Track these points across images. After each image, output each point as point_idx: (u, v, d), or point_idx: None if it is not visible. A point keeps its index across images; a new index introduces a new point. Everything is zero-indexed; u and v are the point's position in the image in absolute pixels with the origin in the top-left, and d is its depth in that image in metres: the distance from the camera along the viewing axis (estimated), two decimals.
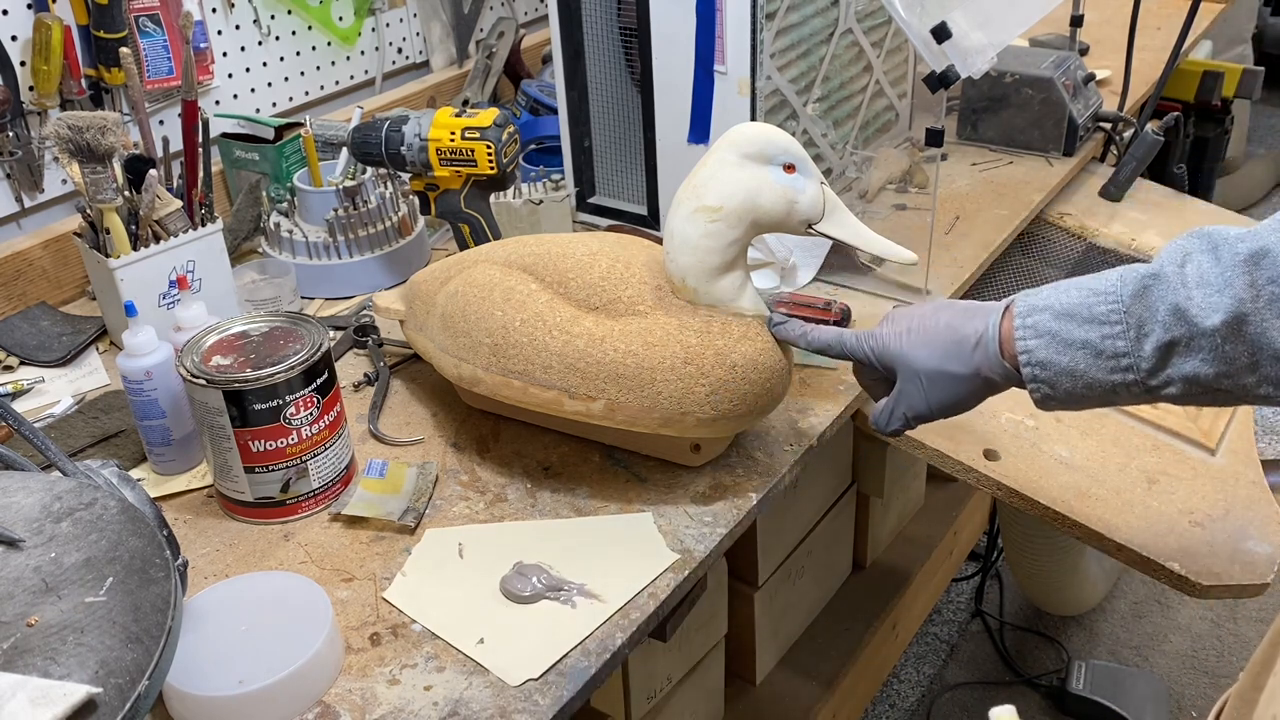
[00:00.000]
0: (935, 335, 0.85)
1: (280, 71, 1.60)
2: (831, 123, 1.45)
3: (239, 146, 1.49)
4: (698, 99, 1.30)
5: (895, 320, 0.88)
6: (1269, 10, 4.01)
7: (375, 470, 1.00)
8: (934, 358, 0.85)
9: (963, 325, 0.84)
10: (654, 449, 1.02)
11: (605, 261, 0.97)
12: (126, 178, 1.19)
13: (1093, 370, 0.78)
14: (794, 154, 0.91)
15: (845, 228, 0.94)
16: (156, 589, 0.68)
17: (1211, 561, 1.02)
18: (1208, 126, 2.13)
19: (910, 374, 0.86)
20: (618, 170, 1.47)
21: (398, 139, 1.24)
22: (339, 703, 0.80)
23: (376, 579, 0.91)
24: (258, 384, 0.91)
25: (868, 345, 0.89)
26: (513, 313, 0.97)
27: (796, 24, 1.31)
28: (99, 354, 1.27)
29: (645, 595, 0.88)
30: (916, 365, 0.85)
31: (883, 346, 0.88)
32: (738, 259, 0.93)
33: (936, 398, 0.86)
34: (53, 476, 0.79)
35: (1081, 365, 0.78)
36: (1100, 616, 2.15)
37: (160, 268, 1.20)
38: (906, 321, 0.87)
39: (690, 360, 0.91)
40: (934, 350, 0.85)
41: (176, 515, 0.99)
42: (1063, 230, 1.59)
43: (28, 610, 0.67)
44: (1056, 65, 1.62)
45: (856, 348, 0.90)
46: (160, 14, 1.40)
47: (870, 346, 0.89)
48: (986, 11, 1.15)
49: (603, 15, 1.37)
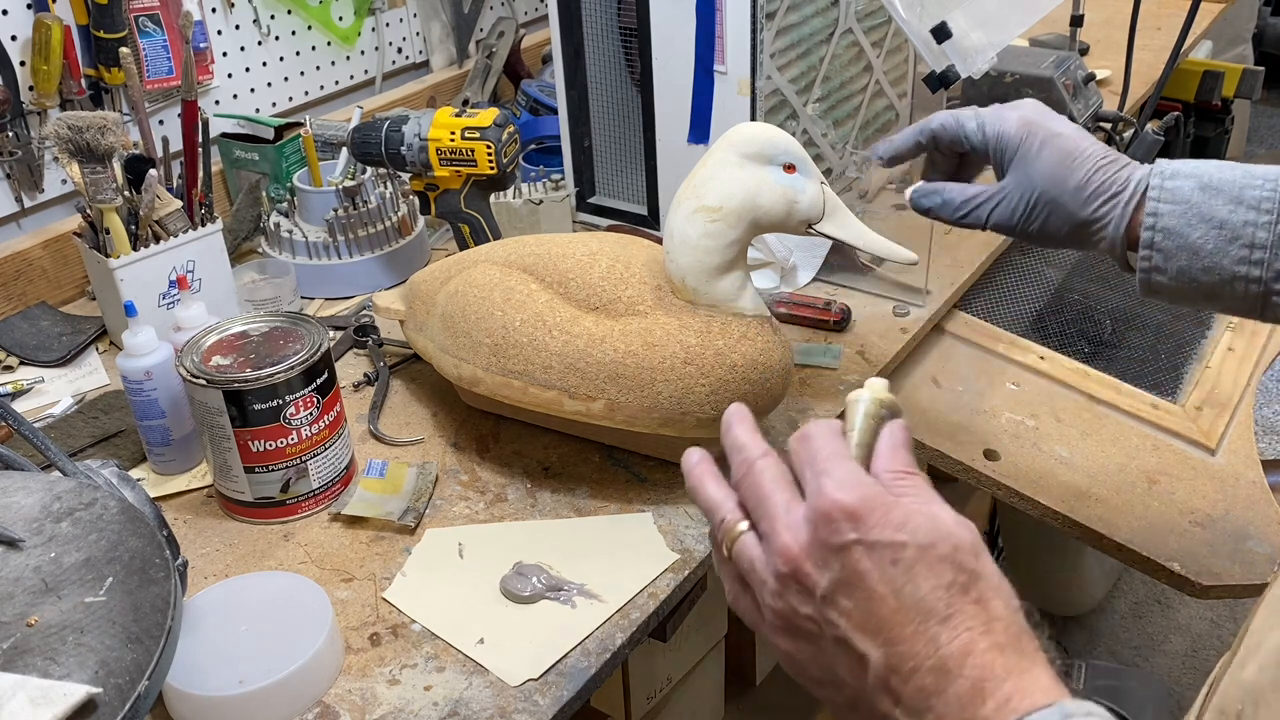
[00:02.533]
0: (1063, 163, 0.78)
1: (280, 71, 1.60)
2: (831, 123, 1.44)
3: (239, 146, 1.49)
4: (698, 99, 1.30)
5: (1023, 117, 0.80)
6: (1269, 10, 4.01)
7: (375, 470, 1.00)
8: (1057, 184, 0.77)
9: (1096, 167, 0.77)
10: (654, 449, 1.02)
11: (605, 261, 0.97)
12: (126, 178, 1.18)
13: (1219, 255, 0.71)
14: (794, 154, 0.91)
15: (845, 228, 0.94)
16: (156, 589, 0.68)
17: (1211, 561, 1.02)
18: (1208, 126, 2.12)
19: (1025, 184, 0.78)
20: (618, 170, 1.47)
21: (398, 139, 1.24)
22: (339, 703, 0.80)
23: (376, 579, 0.91)
24: (258, 384, 0.91)
25: (989, 130, 0.81)
26: (513, 313, 0.97)
27: (796, 24, 1.31)
28: (99, 354, 1.27)
29: (645, 595, 0.88)
30: (1037, 182, 0.78)
31: (1004, 134, 0.80)
32: (738, 259, 0.93)
33: (1036, 224, 0.78)
34: (53, 476, 0.79)
35: (1210, 245, 0.71)
36: (1100, 616, 2.15)
37: (160, 268, 1.20)
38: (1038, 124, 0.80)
39: (690, 360, 0.91)
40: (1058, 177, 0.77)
41: (176, 515, 0.99)
42: None
43: (28, 610, 0.67)
44: (1056, 65, 1.62)
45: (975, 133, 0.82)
46: (160, 14, 1.40)
47: (991, 133, 0.81)
48: (986, 11, 1.15)
49: (603, 15, 1.37)
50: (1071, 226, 0.79)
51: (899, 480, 0.51)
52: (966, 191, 0.83)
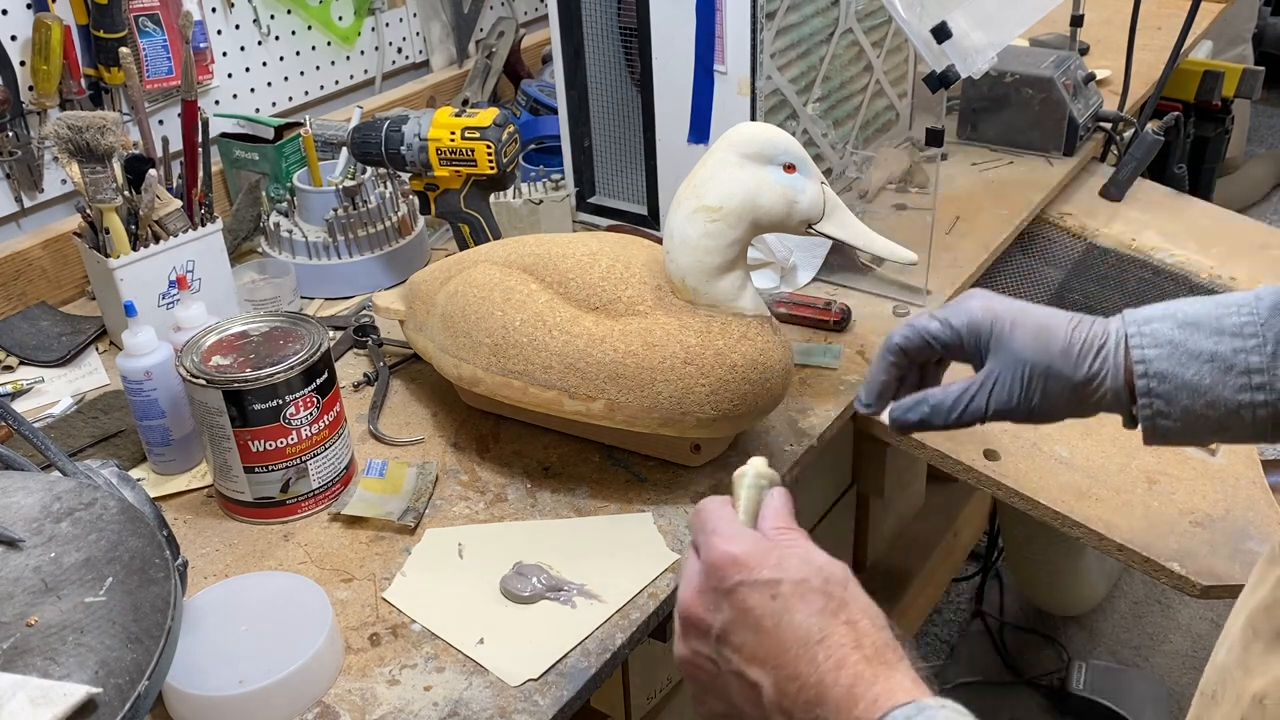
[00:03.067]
0: (1046, 331, 0.76)
1: (280, 71, 1.60)
2: (831, 123, 1.44)
3: (239, 146, 1.49)
4: (698, 99, 1.30)
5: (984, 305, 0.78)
6: (1269, 10, 4.01)
7: (375, 470, 1.00)
8: (1045, 355, 0.75)
9: (1074, 332, 0.76)
10: (654, 449, 1.02)
11: (605, 261, 0.97)
12: (126, 178, 1.18)
13: (1219, 387, 0.70)
14: (794, 154, 0.91)
15: (845, 228, 0.94)
16: (156, 589, 0.68)
17: (1211, 561, 1.02)
18: (1208, 126, 2.12)
19: (1012, 362, 0.76)
20: (618, 170, 1.47)
21: (398, 139, 1.24)
22: (339, 703, 0.80)
23: (376, 579, 0.91)
24: (258, 384, 0.91)
25: (956, 322, 0.78)
26: (513, 313, 0.97)
27: (796, 24, 1.31)
28: (99, 354, 1.27)
29: (645, 595, 0.88)
30: (1024, 355, 0.75)
31: (974, 321, 0.77)
32: (738, 259, 0.93)
33: (1035, 400, 0.76)
34: (53, 476, 0.79)
35: (1208, 380, 0.70)
36: (1100, 616, 2.15)
37: (160, 268, 1.20)
38: (1001, 308, 0.78)
39: (690, 360, 0.91)
40: (1046, 347, 0.75)
41: (176, 515, 0.99)
42: (1063, 230, 1.59)
43: (28, 610, 0.67)
44: (1056, 65, 1.62)
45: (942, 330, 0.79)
46: (160, 14, 1.40)
47: (961, 324, 0.78)
48: (986, 11, 1.15)
49: (603, 15, 1.37)
50: (1070, 391, 0.76)
51: (780, 535, 0.59)
52: (952, 391, 0.79)
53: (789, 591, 0.54)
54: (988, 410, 0.78)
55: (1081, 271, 1.52)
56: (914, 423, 0.79)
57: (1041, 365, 0.76)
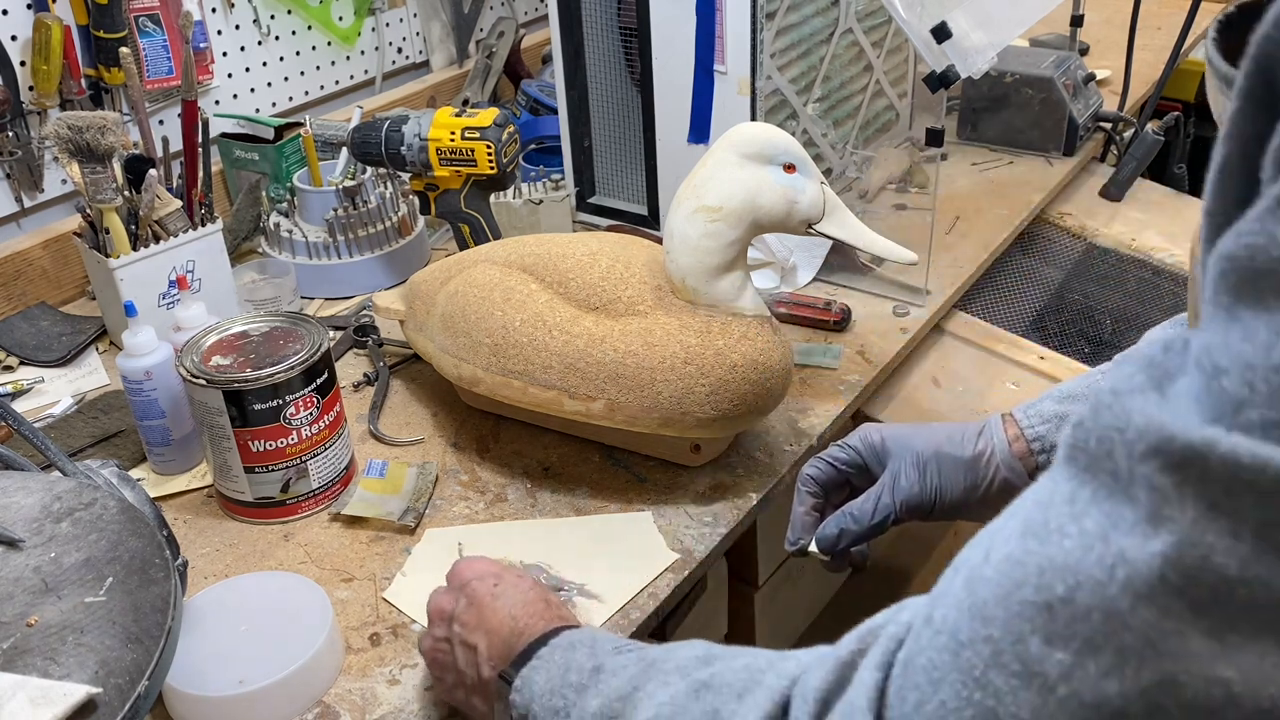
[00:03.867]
0: (930, 429, 0.82)
1: (280, 71, 1.60)
2: (831, 123, 1.44)
3: (239, 146, 1.49)
4: (698, 99, 1.30)
5: (878, 428, 0.85)
6: None
7: (375, 470, 1.00)
8: (933, 442, 0.81)
9: (958, 426, 0.82)
10: (654, 449, 1.02)
11: (605, 261, 0.97)
12: (126, 178, 1.18)
13: None
14: (794, 154, 0.91)
15: (845, 228, 0.94)
16: (156, 589, 0.68)
17: None
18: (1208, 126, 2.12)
19: (905, 455, 0.81)
20: (618, 170, 1.47)
21: (398, 139, 1.24)
22: (339, 703, 0.80)
23: (376, 579, 0.91)
24: (258, 384, 0.91)
25: (852, 442, 0.84)
26: (513, 313, 0.97)
27: (796, 24, 1.31)
28: (99, 354, 1.27)
29: (645, 595, 0.88)
30: (914, 446, 0.81)
31: (870, 441, 0.83)
32: (738, 259, 0.93)
33: (934, 482, 0.80)
34: (53, 476, 0.79)
35: None
36: None
37: (160, 268, 1.20)
38: (892, 428, 0.84)
39: (690, 360, 0.91)
40: (932, 436, 0.82)
41: (176, 515, 0.99)
42: (1063, 230, 1.58)
43: (28, 610, 0.67)
44: (1056, 65, 1.62)
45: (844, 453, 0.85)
46: (160, 14, 1.40)
47: (856, 442, 0.84)
48: (986, 11, 1.15)
49: (603, 15, 1.37)
50: (964, 468, 0.81)
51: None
52: (867, 496, 0.83)
53: (507, 582, 0.73)
54: (896, 503, 0.82)
55: (1081, 271, 1.52)
56: (837, 535, 0.83)
57: (931, 449, 0.82)
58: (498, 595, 0.72)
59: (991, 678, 0.36)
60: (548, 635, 0.67)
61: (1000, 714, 0.36)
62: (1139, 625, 0.32)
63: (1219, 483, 0.31)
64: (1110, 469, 0.34)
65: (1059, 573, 0.35)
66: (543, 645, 0.66)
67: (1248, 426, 0.31)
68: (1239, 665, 0.31)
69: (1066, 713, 0.34)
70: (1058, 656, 0.34)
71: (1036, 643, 0.35)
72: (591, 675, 0.61)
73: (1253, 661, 0.31)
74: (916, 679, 0.39)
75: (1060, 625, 0.34)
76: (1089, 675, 0.33)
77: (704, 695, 0.52)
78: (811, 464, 0.86)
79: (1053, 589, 0.35)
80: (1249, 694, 0.31)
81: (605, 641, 0.64)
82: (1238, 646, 0.31)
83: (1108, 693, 0.33)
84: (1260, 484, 0.30)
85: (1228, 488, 0.31)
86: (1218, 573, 0.31)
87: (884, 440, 0.83)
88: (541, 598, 0.72)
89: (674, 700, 0.53)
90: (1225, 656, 0.31)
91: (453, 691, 0.74)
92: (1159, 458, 0.32)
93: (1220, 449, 0.31)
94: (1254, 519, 0.31)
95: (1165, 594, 0.32)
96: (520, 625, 0.69)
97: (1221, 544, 0.31)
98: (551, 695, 0.62)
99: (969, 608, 0.38)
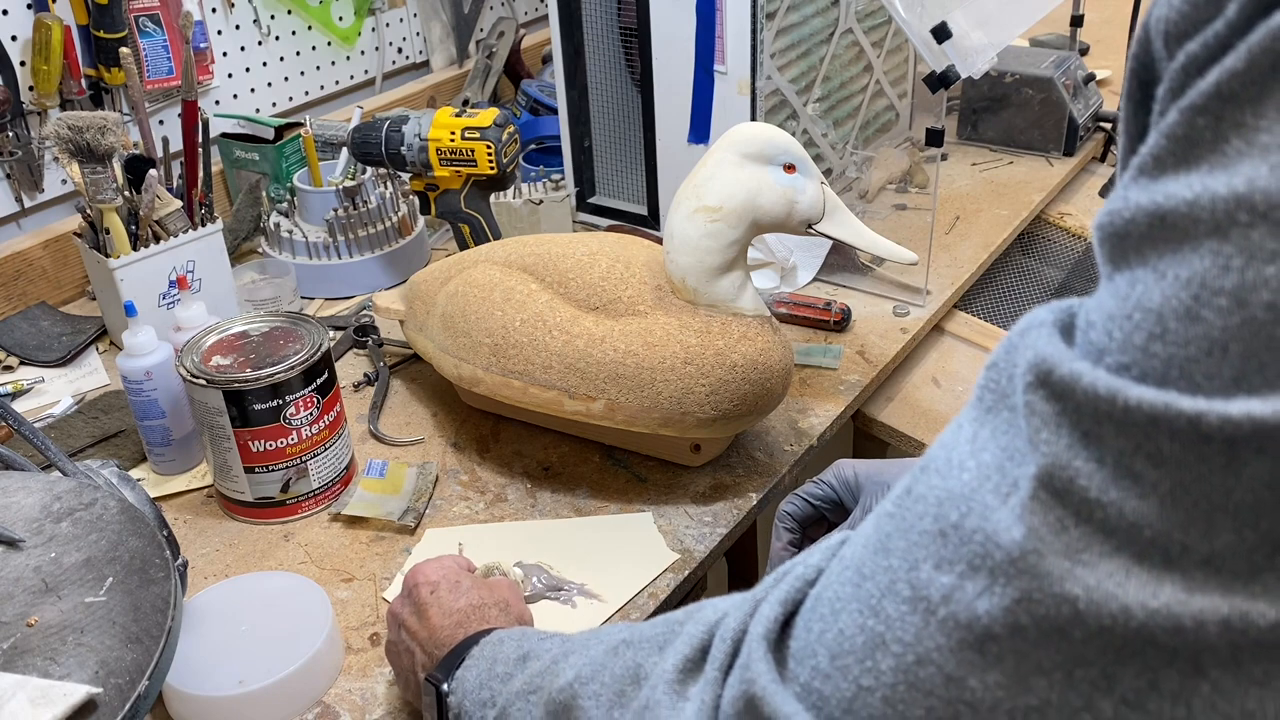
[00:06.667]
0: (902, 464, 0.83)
1: (280, 71, 1.60)
2: (831, 123, 1.44)
3: (239, 146, 1.49)
4: (698, 99, 1.30)
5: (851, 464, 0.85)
6: None
7: (375, 470, 1.00)
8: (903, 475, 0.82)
9: None
10: (654, 449, 1.02)
11: (605, 261, 0.97)
12: (126, 178, 1.18)
13: None
14: (794, 154, 0.91)
15: (845, 228, 0.94)
16: (156, 589, 0.68)
17: None
18: None
19: (877, 490, 0.81)
20: (618, 170, 1.47)
21: (398, 139, 1.24)
22: (339, 703, 0.80)
23: (376, 579, 0.91)
24: (258, 384, 0.91)
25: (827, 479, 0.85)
26: (513, 313, 0.97)
27: (796, 24, 1.31)
28: (99, 354, 1.27)
29: (645, 595, 0.88)
30: (885, 479, 0.81)
31: (844, 477, 0.84)
32: (738, 259, 0.93)
33: None
34: (53, 476, 0.79)
35: None
36: None
37: (160, 268, 1.20)
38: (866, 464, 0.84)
39: (690, 360, 0.91)
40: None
41: (176, 515, 0.99)
42: (1063, 230, 1.58)
43: (28, 610, 0.67)
44: (1056, 65, 1.62)
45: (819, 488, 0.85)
46: (160, 14, 1.40)
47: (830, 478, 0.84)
48: (986, 11, 1.15)
49: (603, 15, 1.37)
50: None
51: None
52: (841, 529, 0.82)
53: (443, 590, 0.76)
54: None
55: (1081, 271, 1.52)
56: None
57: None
58: (431, 603, 0.75)
59: (884, 605, 0.38)
60: (478, 636, 0.70)
61: (887, 639, 0.37)
62: (1007, 544, 0.34)
63: (1088, 413, 0.33)
64: (1011, 405, 0.36)
65: (955, 502, 0.36)
66: (474, 645, 0.69)
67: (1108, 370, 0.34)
68: (1086, 584, 0.33)
69: (944, 633, 0.35)
70: (942, 579, 0.36)
71: (927, 568, 0.36)
72: (517, 664, 0.63)
73: (1100, 579, 0.33)
74: (821, 610, 0.41)
75: (949, 550, 0.36)
76: (966, 596, 0.35)
77: (623, 651, 0.53)
78: (789, 501, 0.86)
79: (947, 517, 0.36)
80: (1093, 611, 0.33)
81: (533, 634, 0.67)
82: (1089, 565, 0.33)
83: (978, 612, 0.35)
84: (1115, 415, 0.32)
85: (1094, 417, 0.33)
86: (1081, 495, 0.33)
87: (857, 476, 0.84)
88: (472, 606, 0.75)
89: (593, 660, 0.54)
90: (1075, 575, 0.33)
91: (406, 691, 0.77)
92: (1044, 388, 0.35)
93: (1085, 380, 0.33)
94: (1114, 447, 0.33)
95: (1033, 514, 0.34)
96: (443, 636, 0.72)
97: (1087, 468, 0.33)
98: (480, 689, 0.65)
99: (874, 543, 0.40)
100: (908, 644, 0.36)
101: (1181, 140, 0.33)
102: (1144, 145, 0.35)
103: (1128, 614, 0.32)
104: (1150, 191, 0.34)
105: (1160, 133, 0.34)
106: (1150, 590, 0.32)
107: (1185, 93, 0.33)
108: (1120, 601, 0.32)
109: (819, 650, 0.40)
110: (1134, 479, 0.32)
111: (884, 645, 0.37)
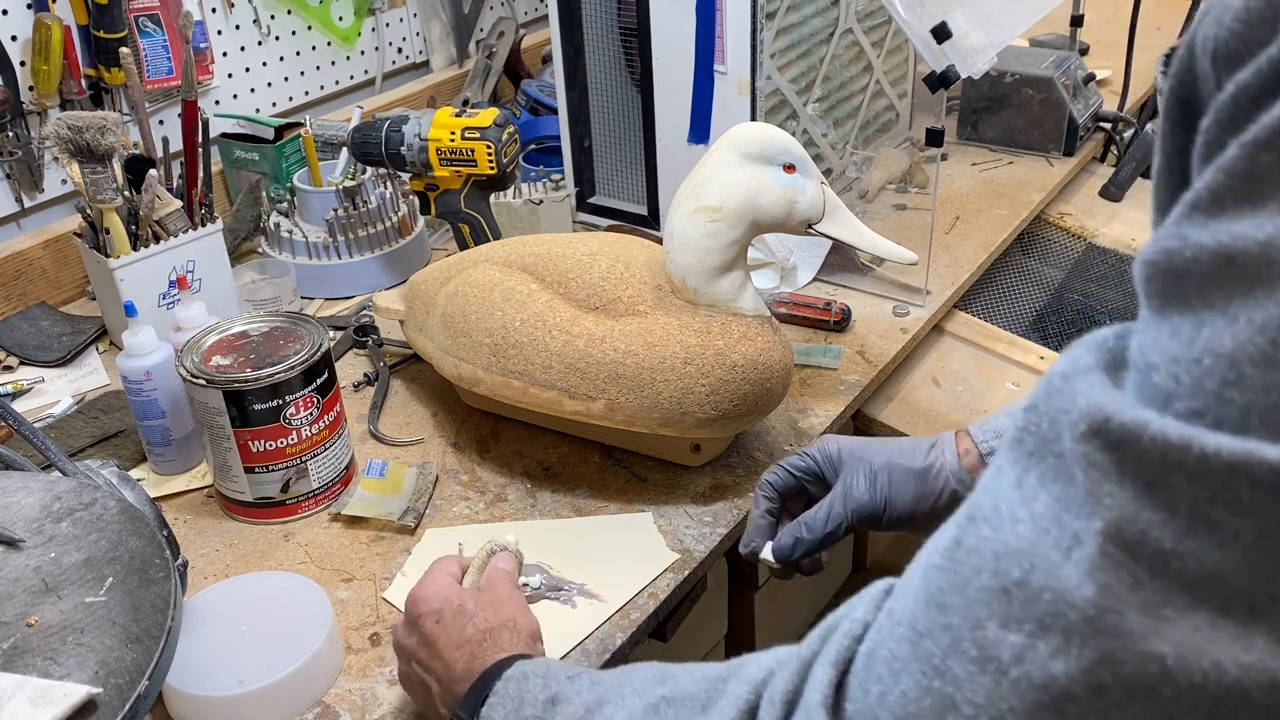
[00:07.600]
0: (884, 442, 0.83)
1: (280, 71, 1.60)
2: (831, 123, 1.44)
3: (239, 146, 1.49)
4: (698, 99, 1.30)
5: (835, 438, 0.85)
6: None
7: (375, 470, 1.00)
8: (885, 453, 0.82)
9: (913, 439, 0.83)
10: (654, 449, 1.02)
11: (605, 261, 0.97)
12: (126, 178, 1.18)
13: None
14: (794, 154, 0.91)
15: (845, 228, 0.94)
16: (156, 589, 0.68)
17: None
18: None
19: (858, 465, 0.82)
20: (618, 170, 1.47)
21: (398, 139, 1.24)
22: (339, 703, 0.80)
23: (376, 579, 0.91)
24: (258, 384, 0.91)
25: (811, 451, 0.85)
26: (513, 313, 0.97)
27: (796, 24, 1.31)
28: (99, 354, 1.27)
29: (645, 595, 0.88)
30: (867, 457, 0.81)
31: (827, 451, 0.84)
32: (738, 259, 0.93)
33: (884, 492, 0.80)
34: (53, 476, 0.79)
35: None
36: None
37: (160, 268, 1.20)
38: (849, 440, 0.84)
39: (690, 360, 0.91)
40: (885, 448, 0.82)
41: (176, 515, 0.99)
42: (1063, 230, 1.58)
43: (28, 610, 0.67)
44: (1056, 65, 1.62)
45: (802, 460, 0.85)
46: (160, 14, 1.40)
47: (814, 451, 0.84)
48: (987, 11, 1.15)
49: (603, 15, 1.37)
50: (915, 479, 0.81)
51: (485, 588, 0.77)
52: (820, 506, 0.82)
53: (447, 618, 0.73)
54: (848, 512, 0.82)
55: (1081, 271, 1.52)
56: (792, 545, 0.82)
57: (883, 459, 0.82)
58: (438, 634, 0.73)
59: (950, 665, 0.37)
60: (501, 666, 0.67)
61: (958, 700, 0.36)
62: (1081, 603, 0.33)
63: (1153, 462, 0.32)
64: (1057, 450, 0.35)
65: (1015, 557, 0.35)
66: (497, 679, 0.66)
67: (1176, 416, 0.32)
68: (1172, 640, 0.32)
69: (1017, 694, 0.34)
70: (1012, 639, 0.35)
71: (993, 627, 0.35)
72: (546, 707, 0.61)
73: (1186, 635, 0.32)
74: (878, 671, 0.40)
75: (1016, 609, 0.35)
76: (1039, 656, 0.34)
77: (664, 710, 0.51)
78: (771, 471, 0.86)
79: (1009, 574, 0.35)
80: (1182, 668, 0.32)
81: (558, 670, 0.65)
82: (1172, 621, 0.32)
83: (1054, 672, 0.34)
84: (1188, 464, 0.31)
85: (1161, 467, 0.32)
86: (1154, 547, 0.32)
87: (840, 451, 0.83)
88: (481, 633, 0.72)
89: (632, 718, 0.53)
90: (1159, 631, 0.32)
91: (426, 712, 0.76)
92: (1099, 438, 0.33)
93: (1151, 430, 0.32)
94: (1187, 496, 0.32)
95: (1104, 570, 0.33)
96: (459, 670, 0.70)
97: (1157, 519, 0.32)
98: None
99: (925, 598, 0.39)
100: (979, 705, 0.35)
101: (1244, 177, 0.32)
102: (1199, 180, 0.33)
103: (1220, 670, 0.31)
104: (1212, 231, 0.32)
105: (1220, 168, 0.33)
106: (1241, 645, 0.31)
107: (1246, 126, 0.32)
108: (1211, 657, 0.31)
109: (881, 714, 0.39)
110: (1211, 528, 0.31)
111: (954, 707, 0.36)
